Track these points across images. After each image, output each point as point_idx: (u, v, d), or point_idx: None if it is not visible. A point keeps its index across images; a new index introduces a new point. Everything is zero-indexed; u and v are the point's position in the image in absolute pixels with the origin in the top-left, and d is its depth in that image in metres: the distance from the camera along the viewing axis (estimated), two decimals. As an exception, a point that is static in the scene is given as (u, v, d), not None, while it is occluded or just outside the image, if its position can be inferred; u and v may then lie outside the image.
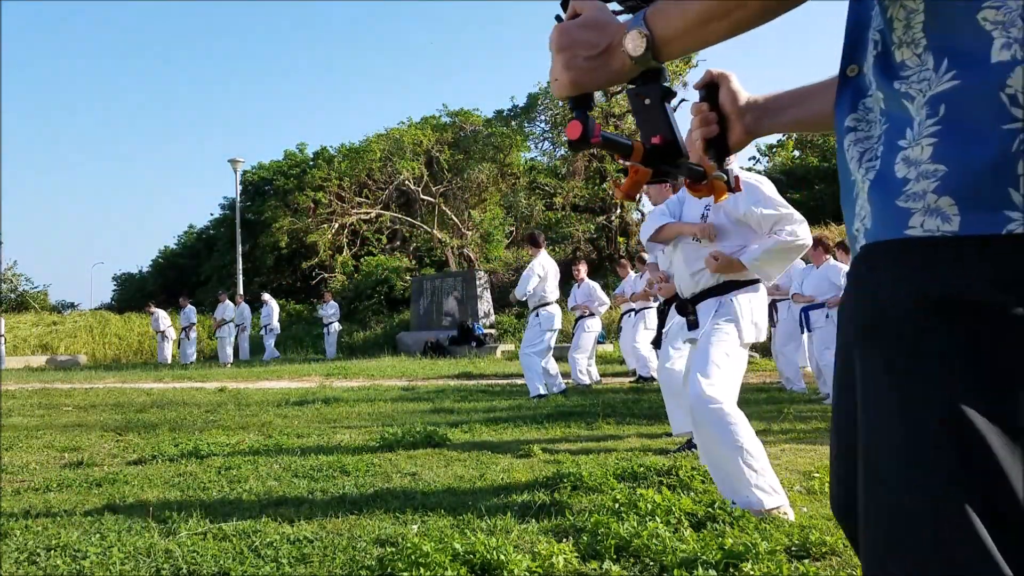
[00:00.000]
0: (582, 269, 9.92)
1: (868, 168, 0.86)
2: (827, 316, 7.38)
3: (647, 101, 1.07)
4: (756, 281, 3.35)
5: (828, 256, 7.72)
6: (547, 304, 8.17)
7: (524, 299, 8.27)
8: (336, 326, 19.66)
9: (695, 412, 3.10)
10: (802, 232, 3.19)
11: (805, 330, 7.72)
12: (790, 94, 1.23)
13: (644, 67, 0.97)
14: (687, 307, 3.41)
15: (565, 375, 9.10)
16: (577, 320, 9.75)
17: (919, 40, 0.82)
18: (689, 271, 3.40)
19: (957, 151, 0.77)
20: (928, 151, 0.79)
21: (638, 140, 1.06)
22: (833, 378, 1.02)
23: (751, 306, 3.29)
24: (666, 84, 1.07)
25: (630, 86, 1.08)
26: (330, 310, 19.64)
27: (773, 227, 3.23)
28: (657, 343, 5.07)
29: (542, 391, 8.00)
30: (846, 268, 7.58)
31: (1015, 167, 0.74)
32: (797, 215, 3.23)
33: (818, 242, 7.66)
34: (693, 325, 3.36)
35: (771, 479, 2.99)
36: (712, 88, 1.22)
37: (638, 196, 1.04)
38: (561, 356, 9.98)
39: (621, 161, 1.06)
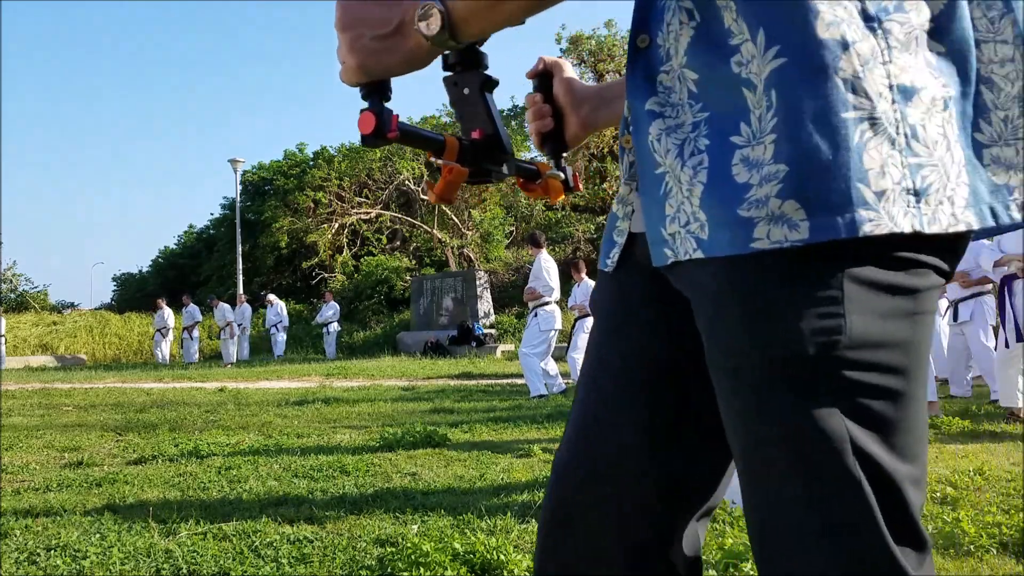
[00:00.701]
0: (582, 269, 9.93)
1: (696, 168, 0.75)
2: None
3: (466, 91, 0.97)
4: None
5: None
6: (546, 304, 8.17)
7: (551, 297, 8.24)
8: (336, 326, 19.64)
9: None
10: None
11: None
12: (622, 82, 1.10)
13: (444, 48, 0.84)
14: None
15: (565, 375, 9.11)
16: (576, 320, 9.75)
17: (728, 4, 0.73)
18: None
19: (797, 146, 0.69)
20: (771, 150, 0.70)
21: (452, 135, 0.95)
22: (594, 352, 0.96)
23: None
24: (487, 72, 0.97)
25: (447, 74, 0.98)
26: (329, 311, 19.62)
27: None
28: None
29: (543, 391, 8.01)
30: None
31: (861, 160, 0.68)
32: None
33: None
34: None
35: None
36: (545, 78, 1.10)
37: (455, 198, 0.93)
38: (560, 356, 9.98)
39: (434, 160, 0.95)
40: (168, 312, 19.23)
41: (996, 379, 5.98)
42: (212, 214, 37.76)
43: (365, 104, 0.86)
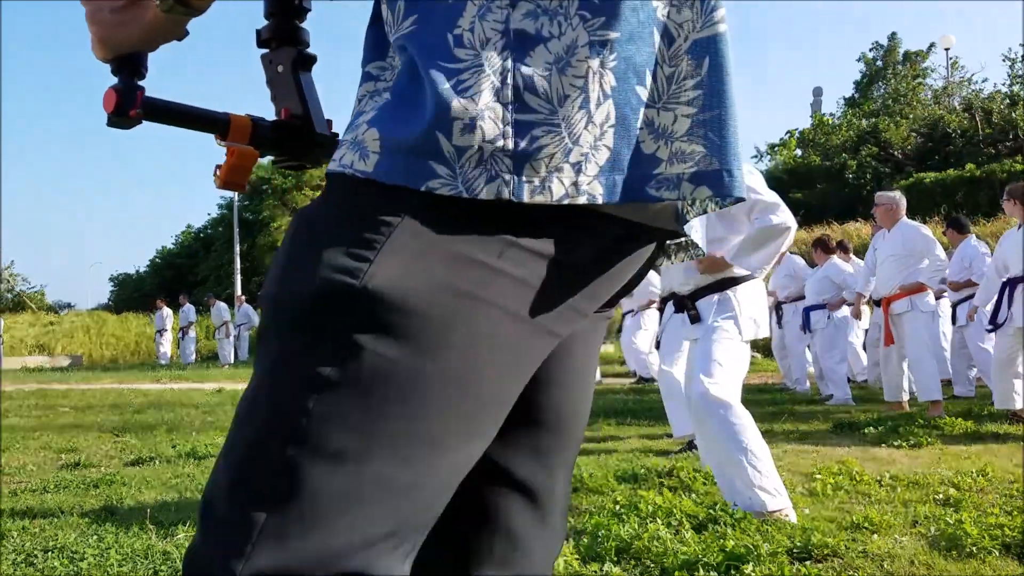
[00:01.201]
0: None
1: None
2: (828, 317, 7.35)
3: (279, 68, 0.91)
4: (752, 276, 3.26)
5: (830, 256, 7.67)
6: None
7: None
8: None
9: (698, 412, 3.05)
10: (780, 215, 3.10)
11: (806, 331, 7.72)
12: None
13: (176, 15, 0.76)
14: (686, 304, 3.33)
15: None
16: None
17: None
18: (684, 268, 3.35)
19: (396, 91, 0.65)
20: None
21: (243, 115, 0.87)
22: None
23: (750, 302, 3.21)
24: (306, 49, 0.92)
25: (263, 51, 0.93)
26: None
27: (750, 215, 3.20)
28: (659, 343, 5.05)
29: None
30: (847, 267, 7.62)
31: (449, 110, 0.60)
32: (771, 198, 3.14)
33: (819, 242, 7.67)
34: (694, 320, 3.27)
35: (775, 481, 2.95)
36: None
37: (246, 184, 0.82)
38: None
39: (219, 142, 0.86)
40: (167, 312, 19.20)
41: (993, 381, 5.94)
42: (209, 214, 37.75)
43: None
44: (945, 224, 7.53)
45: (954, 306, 7.11)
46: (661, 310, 5.05)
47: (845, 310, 7.42)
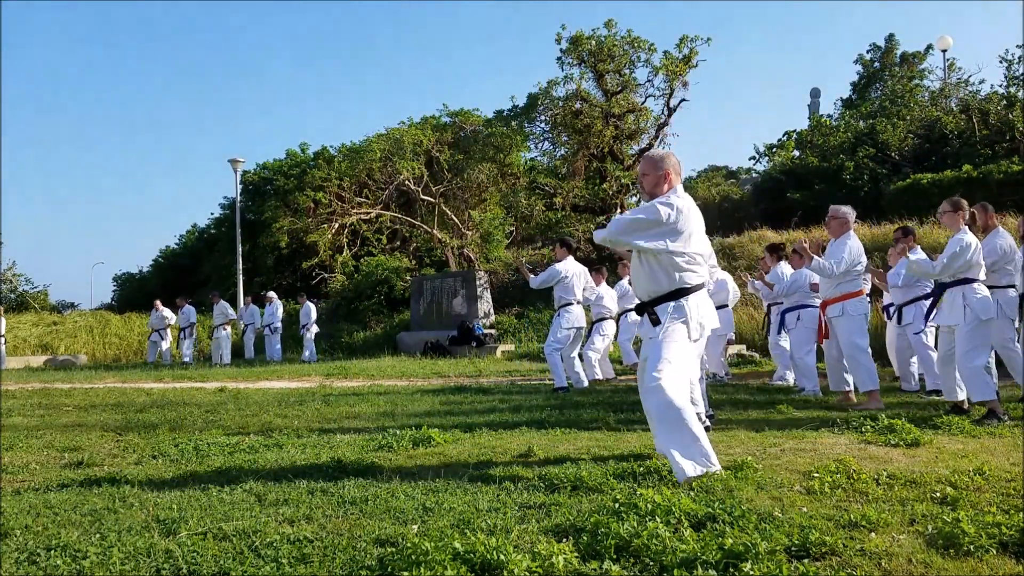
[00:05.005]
0: (603, 274, 10.99)
1: None
2: (798, 318, 8.17)
3: None
4: (701, 286, 3.92)
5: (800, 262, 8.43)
6: (569, 304, 8.84)
7: (535, 287, 8.99)
8: (314, 327, 18.19)
9: (645, 401, 3.71)
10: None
11: (782, 331, 8.58)
12: None
13: None
14: (647, 309, 3.92)
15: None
16: (595, 323, 10.55)
17: None
18: (646, 278, 3.95)
19: None
20: None
21: None
22: None
23: (699, 308, 3.87)
24: None
25: None
26: (311, 312, 18.37)
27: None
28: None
29: (564, 384, 8.66)
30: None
31: None
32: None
33: (794, 250, 8.32)
34: (655, 323, 3.86)
35: (704, 452, 3.65)
36: None
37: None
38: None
39: None
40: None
41: (939, 376, 6.49)
42: (212, 214, 37.72)
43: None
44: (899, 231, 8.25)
45: (899, 307, 7.87)
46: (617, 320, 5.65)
47: (813, 312, 8.04)
